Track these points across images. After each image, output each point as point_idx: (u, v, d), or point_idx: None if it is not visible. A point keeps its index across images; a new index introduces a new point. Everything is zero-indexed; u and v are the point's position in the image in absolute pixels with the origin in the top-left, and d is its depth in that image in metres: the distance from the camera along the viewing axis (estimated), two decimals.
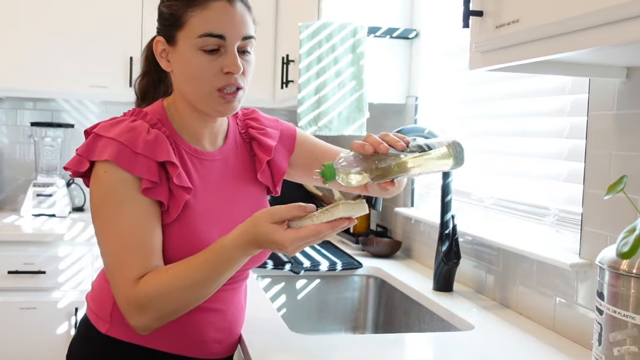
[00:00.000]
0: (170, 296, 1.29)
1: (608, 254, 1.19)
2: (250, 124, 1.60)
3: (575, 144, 1.69)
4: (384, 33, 2.64)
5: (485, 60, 1.33)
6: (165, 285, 1.28)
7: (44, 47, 3.31)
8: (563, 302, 1.65)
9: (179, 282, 1.28)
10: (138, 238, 1.31)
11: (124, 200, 1.32)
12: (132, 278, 1.29)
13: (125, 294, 1.29)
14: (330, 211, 1.20)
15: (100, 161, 1.33)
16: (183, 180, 1.36)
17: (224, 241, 1.28)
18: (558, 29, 1.09)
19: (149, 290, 1.28)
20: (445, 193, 2.07)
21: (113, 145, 1.32)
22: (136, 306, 1.28)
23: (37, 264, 3.03)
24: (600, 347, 1.19)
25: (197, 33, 1.35)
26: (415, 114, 2.62)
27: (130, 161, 1.32)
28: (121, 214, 1.31)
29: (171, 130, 1.43)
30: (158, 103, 1.47)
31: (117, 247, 1.31)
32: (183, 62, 1.38)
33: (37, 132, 3.64)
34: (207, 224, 1.40)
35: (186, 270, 1.29)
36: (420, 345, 1.62)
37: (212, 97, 1.38)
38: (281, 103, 3.33)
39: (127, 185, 1.32)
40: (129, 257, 1.30)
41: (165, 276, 1.29)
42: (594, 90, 1.58)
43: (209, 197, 1.44)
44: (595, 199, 1.56)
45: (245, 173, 1.54)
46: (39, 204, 3.45)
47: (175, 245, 1.36)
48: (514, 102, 2.01)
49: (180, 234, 1.37)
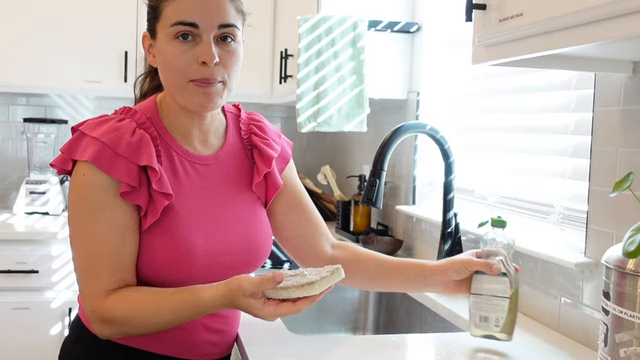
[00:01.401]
0: (135, 320, 1.33)
1: (614, 252, 1.19)
2: (254, 130, 1.56)
3: (581, 140, 1.69)
4: (384, 27, 2.63)
5: (488, 55, 1.33)
6: (132, 313, 1.32)
7: (37, 42, 3.31)
8: (568, 302, 1.65)
9: (146, 316, 1.32)
10: (109, 249, 1.32)
11: (98, 207, 1.32)
12: (99, 290, 1.32)
13: (91, 305, 1.33)
14: (306, 289, 1.25)
15: (81, 161, 1.33)
16: (163, 186, 1.35)
17: (202, 296, 1.30)
18: (563, 23, 1.09)
19: (116, 312, 1.31)
20: (448, 190, 2.07)
21: (95, 145, 1.32)
22: (101, 319, 1.33)
23: (29, 263, 3.03)
24: (606, 349, 1.19)
25: (170, 22, 1.35)
26: (417, 110, 2.62)
27: (110, 162, 1.31)
28: (94, 223, 1.32)
29: (161, 129, 1.42)
30: (151, 99, 1.47)
31: (88, 256, 1.33)
32: (161, 53, 1.39)
33: (29, 128, 3.64)
34: (190, 228, 1.39)
35: (156, 307, 1.32)
36: (422, 346, 1.62)
37: (188, 89, 1.36)
38: (279, 98, 3.32)
39: (103, 192, 1.32)
40: (98, 268, 1.32)
41: (134, 304, 1.32)
42: (600, 85, 1.58)
43: (196, 202, 1.42)
44: (601, 196, 1.56)
45: (240, 180, 1.52)
46: (32, 201, 3.45)
47: (158, 250, 1.36)
48: (518, 97, 2.01)
49: (163, 238, 1.36)
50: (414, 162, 2.65)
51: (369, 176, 1.94)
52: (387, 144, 1.95)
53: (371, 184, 1.93)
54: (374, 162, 1.94)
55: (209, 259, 1.40)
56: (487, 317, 1.50)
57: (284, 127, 4.00)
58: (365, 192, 1.94)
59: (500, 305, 1.49)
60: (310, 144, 3.99)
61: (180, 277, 1.37)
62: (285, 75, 2.96)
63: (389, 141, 1.95)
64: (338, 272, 1.29)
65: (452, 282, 1.55)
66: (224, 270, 1.41)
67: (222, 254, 1.42)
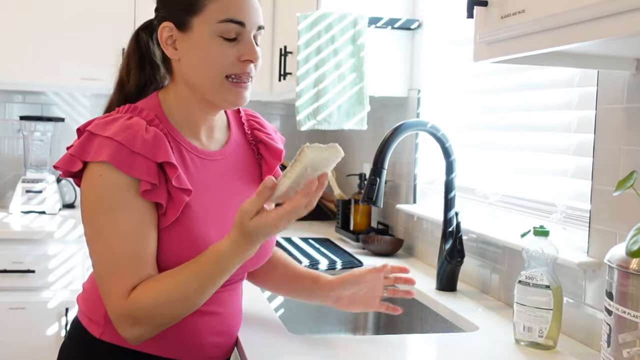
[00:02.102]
0: (164, 308, 1.29)
1: (617, 252, 1.19)
2: (255, 125, 1.59)
3: (584, 139, 1.69)
4: (385, 23, 2.63)
5: (490, 52, 1.33)
6: (159, 298, 1.29)
7: (34, 39, 3.31)
8: (571, 302, 1.65)
9: (174, 294, 1.29)
10: (131, 248, 1.31)
11: (118, 207, 1.30)
12: (124, 290, 1.29)
13: (116, 306, 1.30)
14: (299, 160, 1.19)
15: (95, 162, 1.31)
16: (182, 182, 1.35)
17: (219, 249, 1.28)
18: (565, 20, 1.09)
19: (143, 304, 1.29)
20: (449, 189, 2.07)
21: (110, 145, 1.30)
22: (129, 319, 1.30)
23: (26, 263, 3.03)
24: (609, 349, 1.19)
25: (217, 18, 1.36)
26: (418, 108, 2.62)
27: (128, 161, 1.30)
28: (115, 222, 1.30)
29: (169, 126, 1.42)
30: (153, 97, 1.45)
31: (109, 256, 1.31)
32: (198, 49, 1.38)
33: (26, 126, 3.63)
34: (205, 224, 1.39)
35: (180, 281, 1.30)
36: (423, 347, 1.62)
37: (224, 86, 1.39)
38: (279, 96, 3.32)
39: (123, 191, 1.30)
40: (121, 268, 1.30)
41: (159, 287, 1.30)
42: (603, 83, 1.57)
43: (208, 198, 1.42)
44: (604, 195, 1.56)
45: (247, 175, 1.54)
46: (28, 200, 3.45)
47: (175, 248, 1.36)
48: (520, 95, 2.01)
49: (180, 235, 1.36)
50: (415, 160, 2.65)
51: (369, 175, 1.94)
52: (388, 142, 1.95)
53: (371, 182, 1.93)
54: (374, 160, 1.94)
55: None
56: (530, 328, 1.54)
57: (283, 125, 4.00)
58: (366, 191, 1.94)
59: (544, 317, 1.52)
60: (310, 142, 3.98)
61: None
62: (285, 72, 2.96)
63: (389, 139, 1.95)
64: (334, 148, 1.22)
65: (343, 299, 1.70)
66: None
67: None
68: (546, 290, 1.52)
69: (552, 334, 1.54)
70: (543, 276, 1.53)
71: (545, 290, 1.52)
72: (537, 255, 1.55)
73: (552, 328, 1.53)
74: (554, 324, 1.53)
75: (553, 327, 1.53)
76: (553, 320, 1.53)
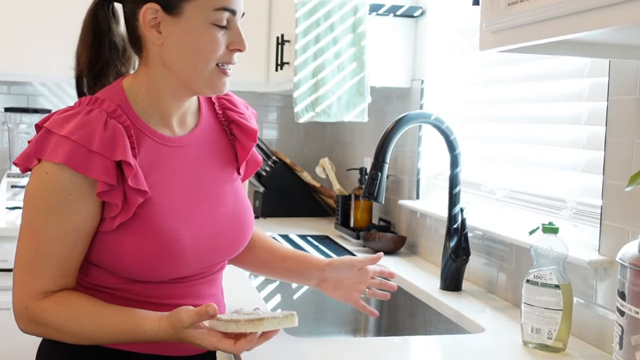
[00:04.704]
0: (67, 331, 1.36)
1: (630, 250, 1.19)
2: (227, 104, 1.59)
3: (594, 131, 1.69)
4: (387, 11, 2.63)
5: (496, 41, 1.33)
6: (66, 322, 1.35)
7: (19, 27, 3.29)
8: (581, 303, 1.65)
9: (81, 327, 1.36)
10: (58, 253, 1.34)
11: (55, 209, 1.33)
12: (39, 289, 1.35)
13: (25, 302, 1.35)
14: (255, 324, 1.29)
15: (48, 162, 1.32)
16: (139, 183, 1.35)
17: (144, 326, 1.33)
18: (575, 6, 1.08)
19: (49, 316, 1.34)
20: (454, 184, 2.07)
21: (66, 145, 1.30)
22: (31, 319, 1.36)
23: (11, 261, 3.00)
24: (621, 351, 1.19)
25: (214, 6, 1.37)
26: (421, 99, 2.62)
27: (85, 162, 1.30)
28: (49, 223, 1.33)
29: (133, 116, 1.41)
30: (115, 85, 1.44)
31: (35, 253, 1.35)
32: (188, 35, 1.38)
33: (11, 118, 3.63)
34: (174, 217, 1.40)
35: (94, 322, 1.35)
36: (427, 349, 1.62)
37: (213, 74, 1.40)
38: (275, 86, 3.32)
39: (64, 194, 1.32)
40: (42, 268, 1.35)
41: (72, 312, 1.35)
42: (615, 73, 1.57)
43: (176, 188, 1.42)
44: (616, 190, 1.56)
45: (220, 158, 1.54)
46: (14, 195, 3.44)
47: (138, 247, 1.36)
48: (528, 85, 2.00)
49: (143, 233, 1.36)
50: (418, 154, 2.64)
51: (371, 169, 1.94)
52: (390, 135, 1.95)
53: (373, 177, 1.93)
54: (375, 154, 1.94)
55: (195, 245, 1.41)
56: (539, 329, 1.54)
57: (280, 116, 4.00)
58: (367, 186, 1.94)
59: (553, 317, 1.53)
60: (308, 135, 3.99)
61: (166, 270, 1.39)
62: (282, 62, 2.96)
63: (391, 132, 1.95)
64: (291, 318, 1.32)
65: (329, 282, 1.73)
66: (210, 254, 1.46)
67: (208, 237, 1.45)
68: (555, 289, 1.53)
69: (562, 336, 1.54)
70: (552, 275, 1.53)
71: (554, 289, 1.53)
72: (546, 253, 1.55)
73: (562, 329, 1.53)
74: (563, 325, 1.53)
75: (563, 329, 1.53)
76: (562, 321, 1.53)
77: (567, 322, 1.54)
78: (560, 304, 1.52)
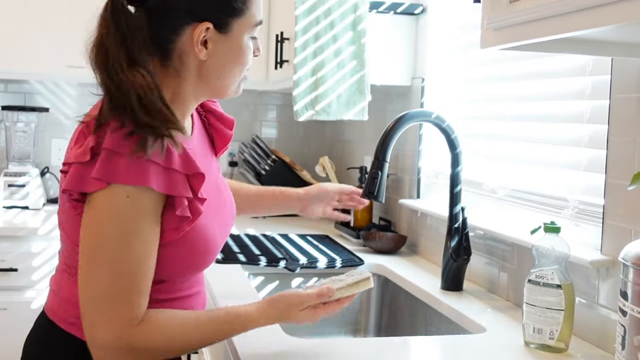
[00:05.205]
0: (172, 351, 1.35)
1: (632, 249, 1.19)
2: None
3: (597, 130, 1.69)
4: (387, 8, 2.63)
5: (498, 38, 1.33)
6: (173, 343, 1.35)
7: (16, 24, 3.29)
8: (583, 303, 1.65)
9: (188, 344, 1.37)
10: (140, 278, 1.31)
11: (135, 232, 1.29)
12: (131, 317, 1.29)
13: (116, 332, 1.28)
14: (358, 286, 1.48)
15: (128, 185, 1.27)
16: (202, 191, 1.36)
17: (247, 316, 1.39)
18: (578, 4, 1.08)
19: (148, 342, 1.31)
20: (455, 183, 2.07)
21: (143, 166, 1.26)
22: (126, 348, 1.29)
23: (8, 261, 3.03)
24: (623, 352, 1.19)
25: (255, 21, 1.44)
26: (422, 97, 2.62)
27: (167, 181, 1.29)
28: (133, 248, 1.29)
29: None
30: None
31: (119, 281, 1.29)
32: (234, 50, 1.43)
33: (8, 117, 3.63)
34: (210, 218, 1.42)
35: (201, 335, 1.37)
36: (427, 349, 1.62)
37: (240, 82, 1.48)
38: (275, 85, 3.32)
39: (144, 216, 1.29)
40: (130, 295, 1.29)
41: (175, 331, 1.35)
42: (617, 71, 1.57)
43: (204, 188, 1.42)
44: (619, 189, 1.56)
45: (206, 150, 1.57)
46: (11, 195, 3.44)
47: (184, 250, 1.38)
48: (530, 83, 2.00)
49: (188, 238, 1.37)
50: (419, 152, 2.64)
51: (371, 168, 1.94)
52: (390, 134, 1.94)
53: (373, 176, 1.93)
54: (375, 153, 1.94)
55: (222, 239, 1.50)
56: (541, 330, 1.54)
57: (279, 115, 3.99)
58: (367, 185, 1.94)
59: (555, 318, 1.53)
60: (308, 133, 3.99)
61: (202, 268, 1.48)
62: (281, 60, 2.95)
63: (391, 130, 1.95)
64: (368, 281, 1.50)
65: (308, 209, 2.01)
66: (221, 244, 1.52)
67: (226, 228, 1.55)
68: (557, 289, 1.52)
69: (564, 336, 1.54)
70: (554, 275, 1.53)
71: (556, 289, 1.52)
72: (548, 253, 1.55)
73: (564, 330, 1.53)
74: (565, 326, 1.53)
75: (564, 329, 1.53)
76: (564, 321, 1.53)
77: (569, 323, 1.54)
78: (562, 304, 1.52)
